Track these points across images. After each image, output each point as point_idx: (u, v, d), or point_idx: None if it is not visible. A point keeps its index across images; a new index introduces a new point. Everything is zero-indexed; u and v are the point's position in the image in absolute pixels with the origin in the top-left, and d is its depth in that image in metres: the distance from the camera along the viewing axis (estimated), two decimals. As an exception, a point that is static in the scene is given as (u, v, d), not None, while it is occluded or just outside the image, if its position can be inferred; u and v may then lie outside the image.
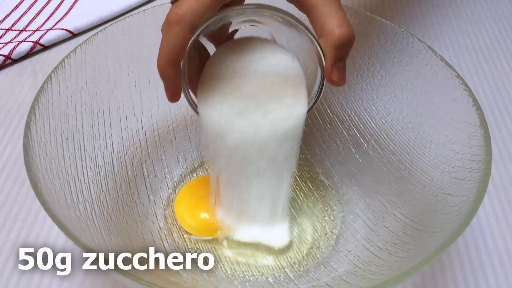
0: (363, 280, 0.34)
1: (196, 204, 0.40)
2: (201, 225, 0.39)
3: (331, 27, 0.29)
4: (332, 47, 0.29)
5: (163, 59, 0.30)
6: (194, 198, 0.40)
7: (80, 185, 0.34)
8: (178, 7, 0.28)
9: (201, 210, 0.39)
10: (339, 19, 0.29)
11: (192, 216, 0.39)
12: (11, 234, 0.40)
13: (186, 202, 0.40)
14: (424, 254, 0.28)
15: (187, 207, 0.40)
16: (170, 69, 0.30)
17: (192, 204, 0.40)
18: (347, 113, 0.43)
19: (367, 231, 0.38)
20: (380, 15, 0.56)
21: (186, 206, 0.40)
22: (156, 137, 0.43)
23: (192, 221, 0.39)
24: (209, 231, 0.39)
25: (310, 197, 0.42)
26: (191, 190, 0.42)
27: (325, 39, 0.30)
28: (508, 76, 0.55)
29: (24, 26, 0.59)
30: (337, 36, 0.29)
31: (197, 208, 0.39)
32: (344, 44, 0.29)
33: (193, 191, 0.41)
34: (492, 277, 0.38)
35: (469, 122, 0.33)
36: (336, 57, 0.30)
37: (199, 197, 0.40)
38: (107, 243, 0.32)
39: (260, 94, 0.33)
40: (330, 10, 0.29)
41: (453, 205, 0.31)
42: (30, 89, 0.52)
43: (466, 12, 0.63)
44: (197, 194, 0.41)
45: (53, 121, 0.34)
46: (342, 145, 0.43)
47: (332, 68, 0.30)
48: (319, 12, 0.29)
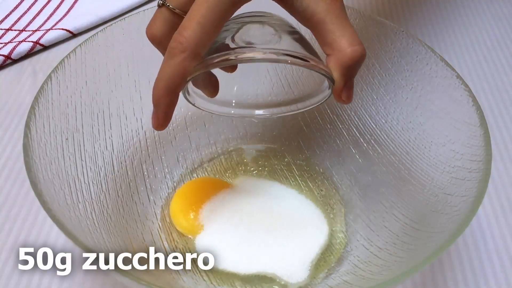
0: (363, 280, 0.34)
1: (190, 204, 0.40)
2: (191, 224, 0.39)
3: (343, 46, 0.28)
4: (344, 67, 0.28)
5: (161, 87, 0.28)
6: (190, 198, 0.41)
7: (80, 185, 0.34)
8: (181, 35, 0.27)
9: (192, 210, 0.39)
10: (350, 37, 0.28)
11: (184, 215, 0.39)
12: (11, 234, 0.40)
13: (181, 201, 0.40)
14: (424, 254, 0.28)
15: (181, 206, 0.40)
16: (166, 97, 0.29)
17: (186, 203, 0.40)
18: (347, 113, 0.43)
19: (367, 231, 0.38)
20: (380, 15, 0.56)
21: (179, 205, 0.40)
22: (156, 137, 0.43)
23: (183, 219, 0.39)
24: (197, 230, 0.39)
25: (310, 197, 0.42)
26: (189, 191, 0.42)
27: (335, 59, 0.28)
28: (508, 76, 0.54)
29: (24, 26, 0.59)
30: (349, 55, 0.28)
31: (190, 208, 0.40)
32: (356, 62, 0.28)
33: (191, 191, 0.42)
34: (492, 277, 0.38)
35: (469, 122, 0.33)
36: (347, 76, 0.29)
37: (195, 197, 0.40)
38: (107, 243, 0.32)
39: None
40: (339, 27, 0.28)
41: (453, 205, 0.31)
42: (30, 89, 0.52)
43: (466, 12, 0.63)
44: (194, 194, 0.41)
45: (53, 121, 0.34)
46: (342, 145, 0.43)
47: (343, 88, 0.29)
48: (328, 30, 0.28)
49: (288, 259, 0.36)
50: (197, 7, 0.27)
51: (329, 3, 0.28)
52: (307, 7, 0.28)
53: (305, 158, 0.44)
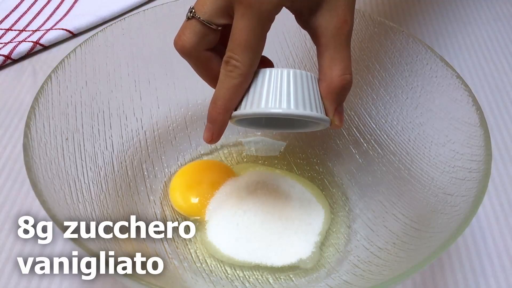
0: (363, 280, 0.34)
1: (190, 186, 0.41)
2: (190, 205, 0.40)
3: (334, 75, 0.30)
4: (333, 93, 0.31)
5: (220, 105, 0.31)
6: (189, 180, 0.41)
7: (80, 185, 0.34)
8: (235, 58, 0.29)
9: (192, 192, 0.40)
10: (344, 67, 0.30)
11: (183, 196, 0.40)
12: (11, 234, 0.40)
13: (180, 183, 0.41)
14: (424, 254, 0.28)
15: (181, 187, 0.41)
16: (224, 115, 0.31)
17: (185, 185, 0.41)
18: (347, 113, 0.43)
19: (367, 231, 0.38)
20: (380, 15, 0.56)
21: (180, 186, 0.41)
22: (156, 137, 0.43)
23: (182, 200, 0.40)
24: (197, 210, 0.40)
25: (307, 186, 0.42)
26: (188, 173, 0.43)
27: (326, 86, 0.31)
28: (508, 76, 0.54)
29: (24, 26, 0.59)
30: (337, 84, 0.30)
31: (190, 190, 0.40)
32: (343, 90, 0.31)
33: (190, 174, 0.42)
34: (492, 277, 0.38)
35: (469, 122, 0.33)
36: (336, 101, 0.31)
37: (194, 180, 0.41)
38: (107, 243, 0.32)
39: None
40: (338, 56, 0.30)
41: (453, 205, 0.31)
42: (30, 89, 0.52)
43: (466, 12, 0.63)
44: (193, 177, 0.42)
45: (53, 121, 0.34)
46: (342, 145, 0.43)
47: (334, 113, 0.31)
48: (328, 56, 0.30)
49: (292, 242, 0.37)
50: (239, 30, 0.29)
51: (339, 28, 0.30)
52: (318, 26, 0.30)
53: (305, 157, 0.44)
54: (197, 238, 0.38)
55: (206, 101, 0.44)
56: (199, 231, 0.38)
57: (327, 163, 0.44)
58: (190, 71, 0.32)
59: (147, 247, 0.36)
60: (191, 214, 0.40)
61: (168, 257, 0.36)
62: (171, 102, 0.44)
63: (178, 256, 0.37)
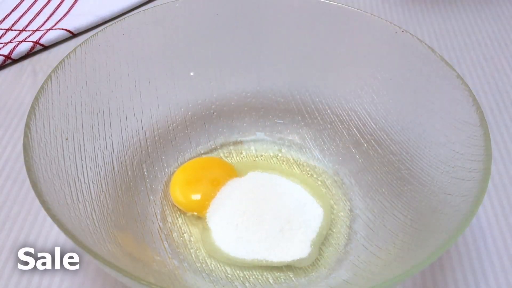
0: (363, 280, 0.34)
1: (190, 182, 0.41)
2: (190, 200, 0.40)
3: None
4: None
5: None
6: (190, 176, 0.42)
7: (80, 185, 0.34)
8: None
9: (193, 188, 0.40)
10: None
11: (183, 190, 0.40)
12: (11, 234, 0.40)
13: (182, 178, 0.41)
14: (424, 254, 0.28)
15: (182, 182, 0.41)
16: None
17: (187, 180, 0.41)
18: (347, 113, 0.43)
19: (367, 231, 0.38)
20: (380, 15, 0.56)
21: (181, 181, 0.41)
22: (156, 137, 0.43)
23: (182, 195, 0.40)
24: (195, 206, 0.40)
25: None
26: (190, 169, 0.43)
27: None
28: (508, 76, 0.55)
29: (24, 26, 0.59)
30: None
31: (190, 185, 0.41)
32: None
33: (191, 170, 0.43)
34: (492, 277, 0.38)
35: (469, 122, 0.33)
36: None
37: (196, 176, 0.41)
38: (107, 243, 0.32)
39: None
40: None
41: (453, 205, 0.31)
42: (30, 89, 0.52)
43: (466, 12, 0.63)
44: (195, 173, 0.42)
45: (53, 121, 0.34)
46: (342, 145, 0.43)
47: None
48: None
49: (288, 241, 0.37)
50: None
51: None
52: None
53: (305, 157, 0.44)
54: (197, 238, 0.38)
55: (206, 101, 0.44)
56: (199, 231, 0.39)
57: (327, 163, 0.44)
58: (190, 71, 0.32)
59: (147, 247, 0.36)
60: (190, 209, 0.40)
61: (168, 257, 0.36)
62: (171, 102, 0.44)
63: (178, 256, 0.37)
